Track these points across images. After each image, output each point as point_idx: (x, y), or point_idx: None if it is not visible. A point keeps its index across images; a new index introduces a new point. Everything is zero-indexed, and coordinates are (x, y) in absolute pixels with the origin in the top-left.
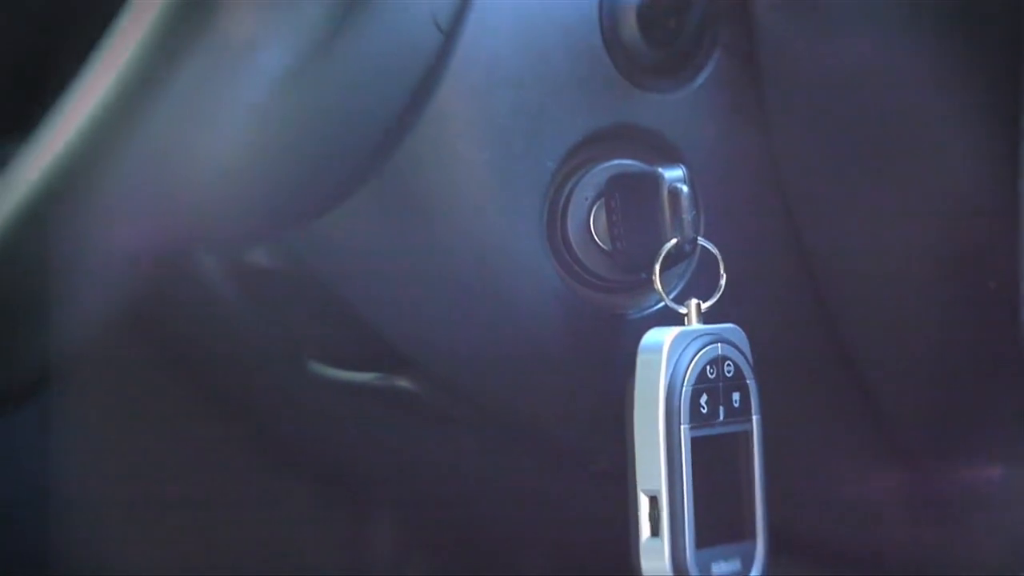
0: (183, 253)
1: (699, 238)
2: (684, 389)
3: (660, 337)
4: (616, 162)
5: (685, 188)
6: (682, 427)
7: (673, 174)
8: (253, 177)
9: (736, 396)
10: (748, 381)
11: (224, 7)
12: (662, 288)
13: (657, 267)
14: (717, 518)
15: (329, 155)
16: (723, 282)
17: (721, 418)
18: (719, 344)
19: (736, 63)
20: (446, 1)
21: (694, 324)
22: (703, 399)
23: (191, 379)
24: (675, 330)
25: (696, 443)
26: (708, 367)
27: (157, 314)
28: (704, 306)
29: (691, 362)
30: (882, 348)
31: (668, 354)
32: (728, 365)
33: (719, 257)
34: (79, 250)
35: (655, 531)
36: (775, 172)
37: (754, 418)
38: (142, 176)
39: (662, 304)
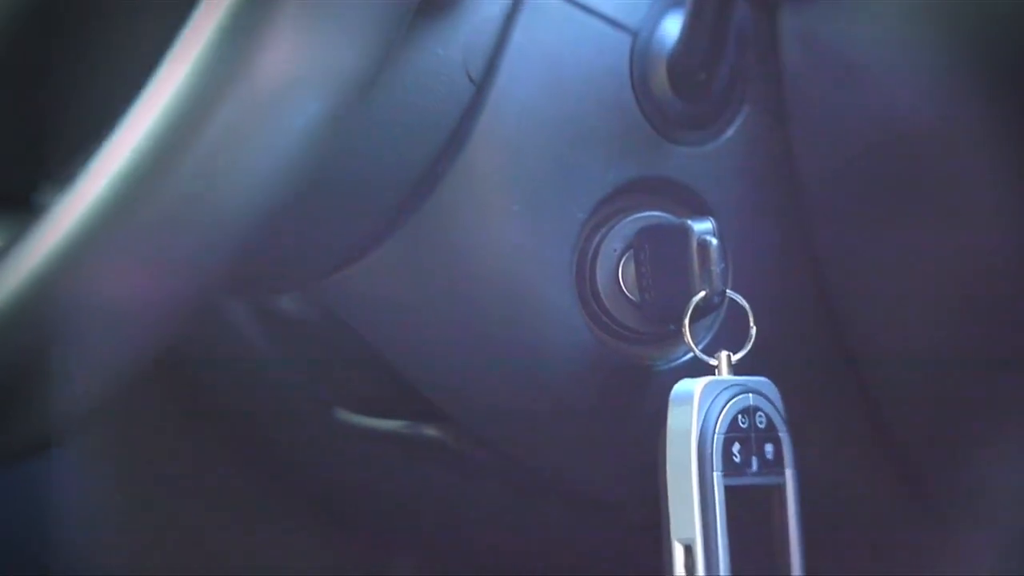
0: (213, 300)
1: (728, 290)
2: (716, 436)
3: (691, 386)
4: (645, 214)
5: (714, 240)
6: (715, 474)
7: (702, 226)
8: (284, 225)
9: (769, 448)
10: (781, 433)
11: (260, 55)
12: (691, 340)
13: (686, 319)
14: (752, 569)
15: (360, 204)
16: (753, 334)
17: (754, 469)
18: (750, 394)
19: (765, 117)
20: (478, 52)
21: (724, 375)
22: (735, 448)
23: (216, 426)
24: (706, 379)
25: (729, 492)
26: (740, 416)
27: (183, 361)
28: (734, 358)
29: (722, 410)
30: (911, 402)
31: (699, 402)
32: (760, 416)
33: (748, 310)
34: (108, 299)
35: None
36: (803, 226)
37: (789, 472)
38: (173, 223)
39: (691, 355)
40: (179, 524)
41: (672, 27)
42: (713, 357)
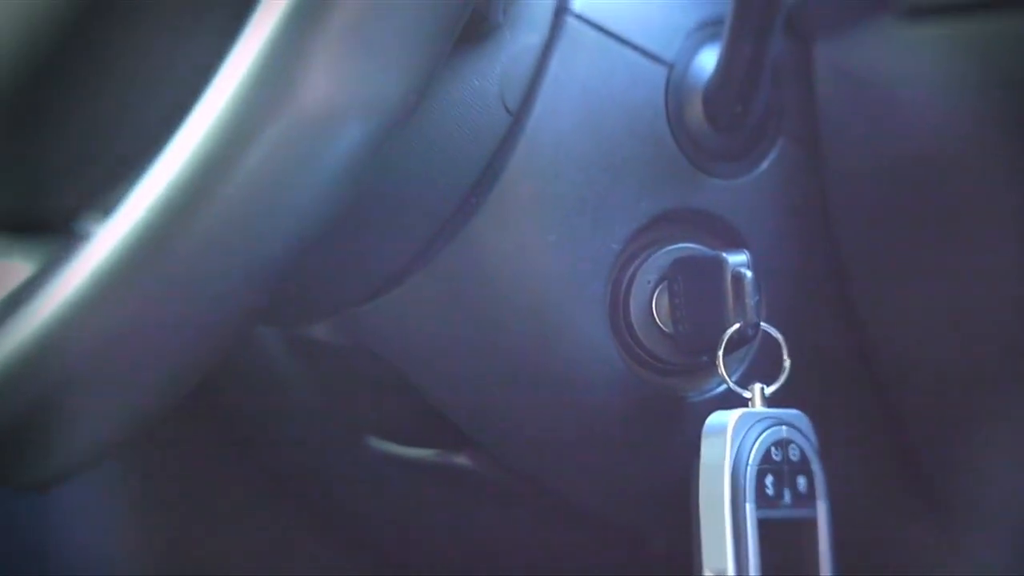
0: (250, 326)
1: (761, 323)
2: (749, 468)
3: (724, 418)
4: (679, 245)
5: (749, 273)
6: (747, 506)
7: (737, 259)
8: (322, 252)
9: (802, 480)
10: (814, 466)
11: (303, 83)
12: (725, 371)
13: (720, 351)
14: None
15: (395, 232)
16: (787, 366)
17: (787, 501)
18: (783, 427)
19: (800, 149)
20: (515, 83)
21: (758, 407)
22: (768, 480)
23: (247, 453)
24: (739, 411)
25: (762, 524)
26: (773, 448)
27: (214, 386)
28: (768, 390)
29: (755, 442)
30: (942, 436)
31: (733, 434)
32: (793, 448)
33: (782, 342)
34: (147, 327)
35: None
36: (836, 258)
37: (821, 504)
38: (213, 253)
39: (724, 387)
40: (206, 548)
41: (707, 59)
42: (746, 389)
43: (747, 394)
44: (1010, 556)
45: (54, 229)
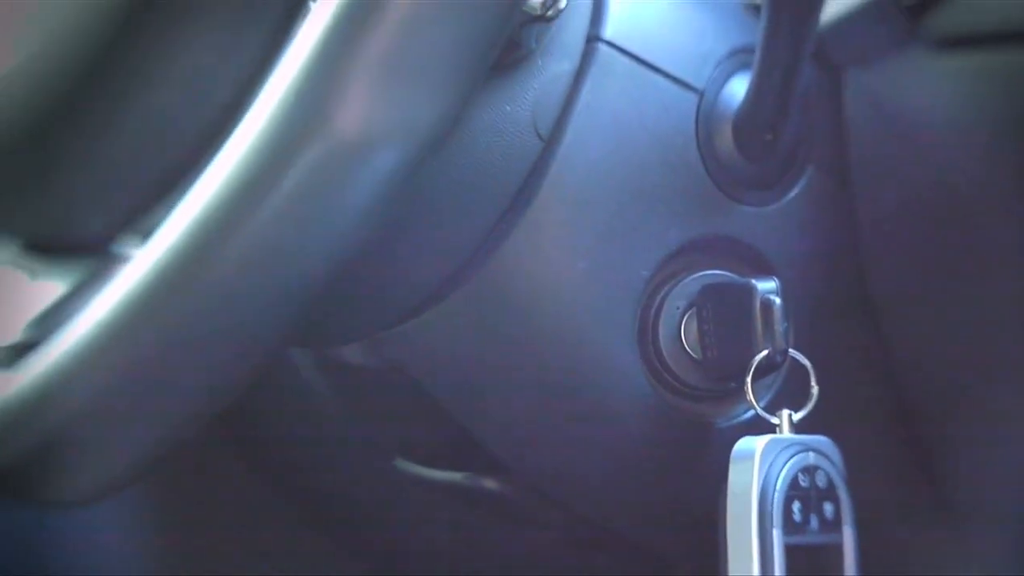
0: (282, 349)
1: (790, 350)
2: (776, 494)
3: (752, 444)
4: (709, 272)
5: (778, 300)
6: (775, 532)
7: (766, 286)
8: (355, 276)
9: (829, 507)
10: (840, 493)
11: (340, 108)
12: (753, 398)
13: (748, 377)
14: None
15: (426, 257)
16: (815, 393)
17: (813, 527)
18: (811, 453)
19: (829, 177)
20: (547, 110)
21: (786, 434)
22: (795, 506)
23: (276, 474)
24: (767, 437)
25: (789, 550)
26: (800, 475)
27: (243, 409)
28: (795, 417)
29: (783, 468)
30: (969, 464)
31: (760, 460)
32: (820, 475)
33: (810, 369)
34: (183, 345)
35: None
36: (864, 286)
37: (847, 530)
38: (248, 273)
39: (752, 413)
40: (234, 571)
41: (738, 87)
42: (774, 415)
43: (775, 420)
44: None
45: (93, 251)
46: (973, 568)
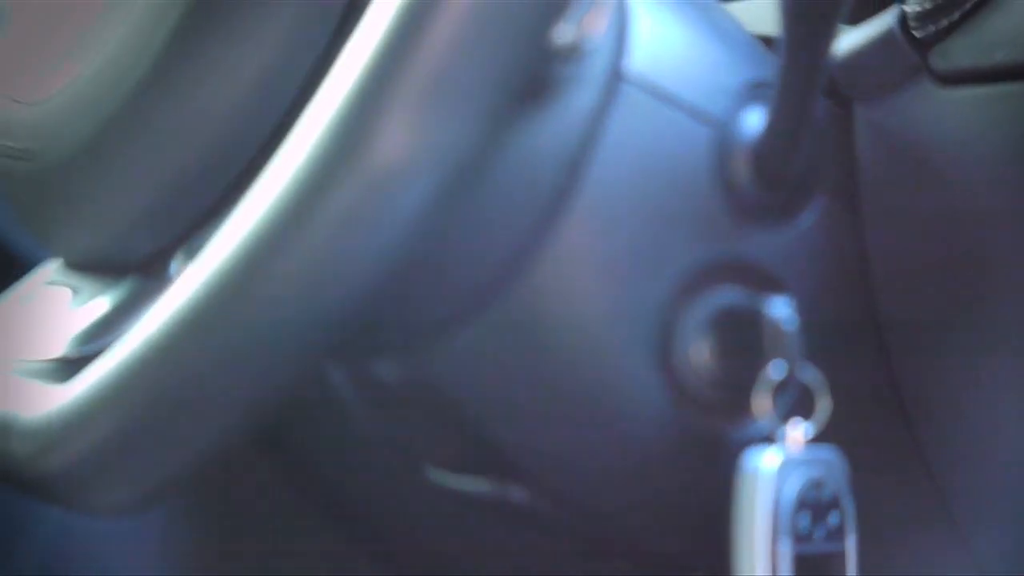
0: (320, 364)
1: (802, 366)
2: (785, 507)
3: (763, 458)
4: (724, 293)
5: (790, 319)
6: (783, 543)
7: (779, 306)
8: (390, 297)
9: (834, 516)
10: (845, 504)
11: (381, 135)
12: (764, 413)
13: (760, 393)
14: None
15: (457, 276)
16: (824, 409)
17: (820, 536)
18: (819, 466)
19: (840, 205)
20: (573, 141)
21: (795, 447)
22: (803, 518)
23: (305, 483)
24: (777, 452)
25: (797, 560)
26: (809, 488)
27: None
28: (806, 431)
29: (792, 482)
30: (974, 485)
31: (771, 474)
32: (827, 487)
33: (821, 385)
34: (226, 362)
35: None
36: (874, 309)
37: (851, 538)
38: (289, 295)
39: (764, 427)
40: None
41: (752, 119)
42: (785, 430)
43: (785, 434)
44: None
45: (141, 272)
46: (973, 572)
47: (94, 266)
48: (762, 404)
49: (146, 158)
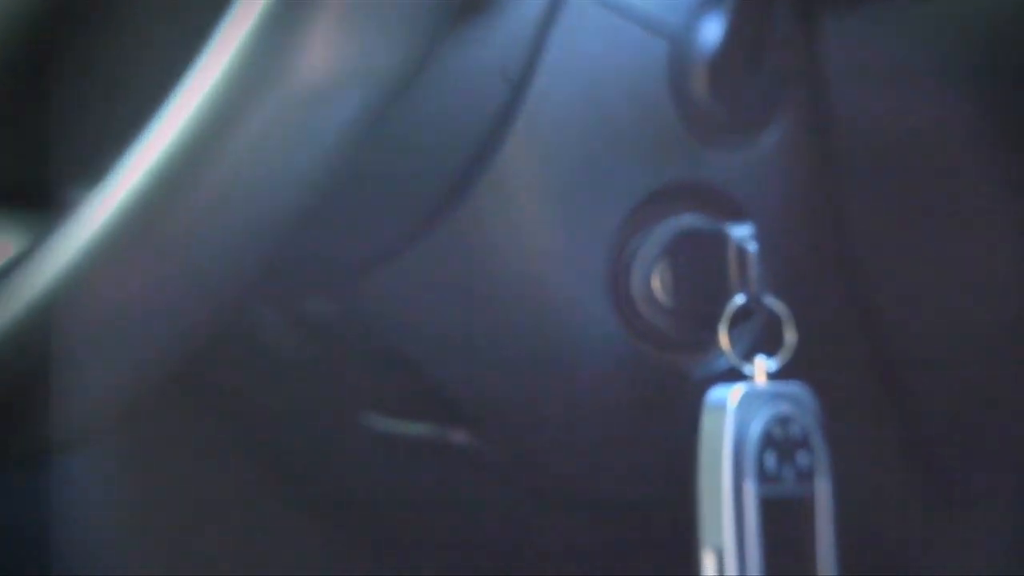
0: (243, 301)
1: (765, 297)
2: (749, 445)
3: (725, 393)
4: (681, 219)
5: (752, 245)
6: (748, 483)
7: (741, 231)
8: (318, 225)
9: (804, 456)
10: (816, 442)
11: (302, 50)
12: (727, 346)
13: (723, 326)
14: None
15: (391, 206)
16: (790, 341)
17: (788, 478)
18: (786, 402)
19: (804, 122)
20: (516, 54)
21: (760, 382)
22: (769, 456)
23: (235, 428)
24: (741, 387)
25: (763, 502)
26: (775, 425)
27: (202, 361)
28: (770, 365)
29: (757, 419)
30: (941, 403)
31: (733, 409)
32: (795, 424)
33: (786, 316)
34: (137, 300)
35: None
36: (841, 232)
37: (823, 481)
38: (206, 224)
39: (726, 362)
40: (192, 528)
41: (710, 31)
42: (749, 364)
43: (749, 369)
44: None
45: (45, 202)
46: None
47: None
48: (724, 337)
49: (46, 88)
